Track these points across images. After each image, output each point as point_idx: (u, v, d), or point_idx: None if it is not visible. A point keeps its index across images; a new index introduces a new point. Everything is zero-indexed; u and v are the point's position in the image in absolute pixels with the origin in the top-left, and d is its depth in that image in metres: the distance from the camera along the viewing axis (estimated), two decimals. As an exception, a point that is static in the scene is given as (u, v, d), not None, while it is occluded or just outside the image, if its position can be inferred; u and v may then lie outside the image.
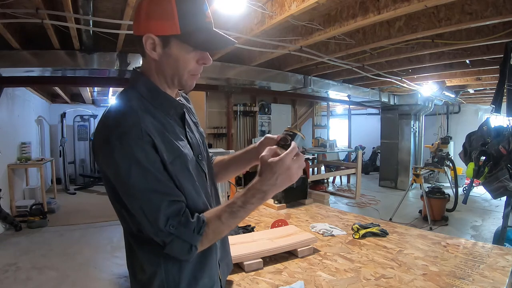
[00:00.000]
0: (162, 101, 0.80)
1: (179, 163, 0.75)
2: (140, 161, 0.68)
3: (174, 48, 0.74)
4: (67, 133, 7.58)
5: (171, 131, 0.78)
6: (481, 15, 2.46)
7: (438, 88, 5.81)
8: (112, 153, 0.68)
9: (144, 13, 0.74)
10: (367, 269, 1.26)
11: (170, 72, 0.78)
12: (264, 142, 0.93)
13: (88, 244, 3.88)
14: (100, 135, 0.72)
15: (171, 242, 0.71)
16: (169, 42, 0.74)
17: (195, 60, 0.78)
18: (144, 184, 0.69)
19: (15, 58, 3.18)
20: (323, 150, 6.64)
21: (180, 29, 0.72)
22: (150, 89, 0.79)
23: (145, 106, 0.76)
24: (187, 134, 0.85)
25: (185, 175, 0.76)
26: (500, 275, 1.17)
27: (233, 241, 1.42)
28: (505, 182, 2.65)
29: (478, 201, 6.05)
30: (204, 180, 0.86)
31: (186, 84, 0.80)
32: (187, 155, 0.78)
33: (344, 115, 10.63)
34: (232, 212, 0.74)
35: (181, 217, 0.71)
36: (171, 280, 0.76)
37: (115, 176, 0.70)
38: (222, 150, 3.64)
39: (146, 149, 0.69)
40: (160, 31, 0.73)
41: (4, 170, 4.64)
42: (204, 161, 0.90)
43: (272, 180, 0.73)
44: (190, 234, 0.71)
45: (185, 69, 0.78)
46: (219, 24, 2.86)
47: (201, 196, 0.80)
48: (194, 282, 0.79)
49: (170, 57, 0.75)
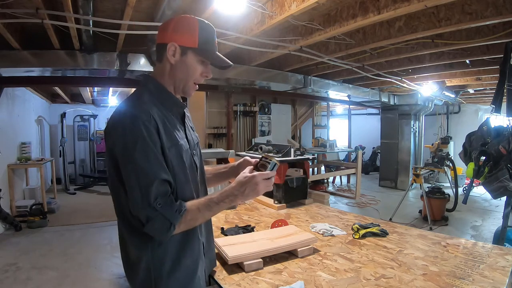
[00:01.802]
0: (167, 99, 0.97)
1: (174, 150, 0.91)
2: (146, 139, 0.83)
3: (189, 57, 0.95)
4: (67, 133, 7.58)
5: (171, 123, 0.94)
6: (481, 15, 2.46)
7: (438, 88, 5.81)
8: (124, 130, 0.84)
9: (172, 27, 0.94)
10: (367, 269, 1.26)
11: (180, 76, 0.96)
12: (242, 163, 1.16)
13: (88, 244, 3.88)
14: (115, 118, 0.87)
15: (155, 218, 0.82)
16: (187, 52, 0.94)
17: (200, 72, 0.98)
18: (145, 158, 0.83)
19: (15, 58, 3.18)
20: (323, 150, 6.64)
21: (198, 45, 0.94)
22: (158, 88, 0.96)
23: (153, 100, 0.93)
24: (186, 129, 1.02)
25: (178, 162, 0.92)
26: (500, 275, 1.17)
27: (233, 241, 1.42)
28: (505, 182, 2.65)
29: (478, 201, 6.04)
30: (195, 173, 1.01)
31: (188, 90, 0.99)
32: (182, 145, 0.94)
33: (344, 115, 10.63)
34: (208, 206, 0.91)
35: (168, 198, 0.85)
36: (156, 261, 0.89)
37: (123, 150, 0.84)
38: (222, 150, 3.64)
39: (152, 131, 0.85)
40: (182, 42, 0.93)
41: (4, 170, 4.64)
42: (197, 157, 1.05)
43: (241, 189, 0.93)
44: (173, 214, 0.84)
45: (192, 77, 0.97)
46: (219, 24, 2.86)
47: (189, 184, 0.95)
48: (178, 263, 0.92)
49: (184, 64, 0.95)
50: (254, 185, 0.93)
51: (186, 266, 0.93)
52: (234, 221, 1.93)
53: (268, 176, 0.95)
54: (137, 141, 0.82)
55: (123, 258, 0.97)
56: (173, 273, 0.91)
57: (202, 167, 1.09)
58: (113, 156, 0.86)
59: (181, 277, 0.92)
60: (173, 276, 0.91)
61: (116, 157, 0.85)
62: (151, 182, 0.82)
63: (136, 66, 3.65)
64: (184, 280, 0.93)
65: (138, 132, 0.83)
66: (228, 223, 1.88)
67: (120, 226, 0.95)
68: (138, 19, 2.74)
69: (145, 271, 0.90)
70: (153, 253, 0.89)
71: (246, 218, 2.01)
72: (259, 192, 0.94)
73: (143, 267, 0.90)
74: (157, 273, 0.89)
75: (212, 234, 1.16)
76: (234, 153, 3.53)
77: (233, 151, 3.55)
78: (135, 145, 0.82)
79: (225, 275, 1.23)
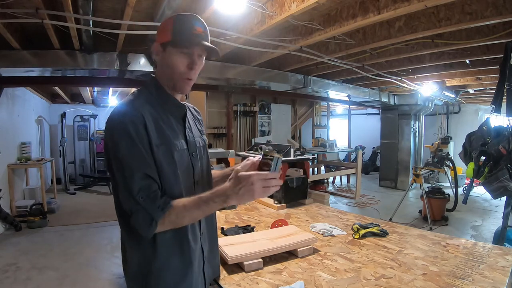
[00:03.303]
0: (166, 100, 0.98)
1: (164, 149, 0.91)
2: (131, 134, 0.85)
3: (168, 52, 0.94)
4: (67, 133, 7.58)
5: (166, 122, 0.95)
6: (481, 15, 2.46)
7: (438, 88, 5.81)
8: (112, 128, 0.87)
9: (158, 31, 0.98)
10: (367, 269, 1.26)
11: (167, 73, 0.96)
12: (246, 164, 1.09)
13: (88, 244, 3.88)
14: (109, 117, 0.90)
15: (137, 211, 0.83)
16: (166, 47, 0.94)
17: (185, 64, 0.95)
18: (128, 151, 0.85)
19: (15, 58, 3.18)
20: (323, 150, 6.64)
21: (172, 37, 0.92)
22: (158, 88, 0.98)
23: (150, 99, 0.95)
24: (186, 131, 1.01)
25: (168, 161, 0.91)
26: (500, 275, 1.17)
27: (233, 241, 1.42)
28: (505, 182, 2.65)
29: (478, 201, 6.04)
30: (190, 175, 0.99)
31: (181, 86, 0.97)
32: (175, 145, 0.94)
33: (344, 115, 10.63)
34: (196, 204, 0.86)
35: (151, 192, 0.85)
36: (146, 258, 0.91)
37: (111, 147, 0.87)
38: (222, 150, 3.64)
39: (138, 127, 0.86)
40: (160, 40, 0.95)
41: (4, 170, 4.64)
42: (198, 160, 1.03)
43: (235, 189, 0.85)
44: (155, 209, 0.83)
45: (177, 70, 0.94)
46: (219, 24, 2.86)
47: (178, 184, 0.93)
48: (167, 263, 0.92)
49: (165, 59, 0.95)
50: (249, 185, 0.84)
51: (176, 267, 0.93)
52: (234, 221, 1.93)
53: (266, 176, 0.85)
54: (122, 137, 0.85)
55: (122, 253, 0.99)
56: (162, 272, 0.91)
57: (205, 170, 1.07)
58: (107, 153, 0.89)
59: (170, 278, 0.92)
60: (162, 275, 0.91)
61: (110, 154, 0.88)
62: (132, 175, 0.84)
63: (136, 66, 3.65)
64: (172, 281, 0.93)
65: (124, 128, 0.85)
66: (228, 223, 1.88)
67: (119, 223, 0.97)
68: (138, 19, 2.74)
69: (136, 267, 0.93)
70: (144, 249, 0.91)
71: (246, 218, 2.01)
72: (254, 194, 0.84)
73: (135, 262, 0.93)
74: (146, 270, 0.91)
75: (216, 243, 1.15)
76: (234, 153, 3.53)
77: (233, 151, 3.55)
78: (120, 141, 0.85)
79: (225, 275, 1.23)
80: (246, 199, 0.86)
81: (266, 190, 0.86)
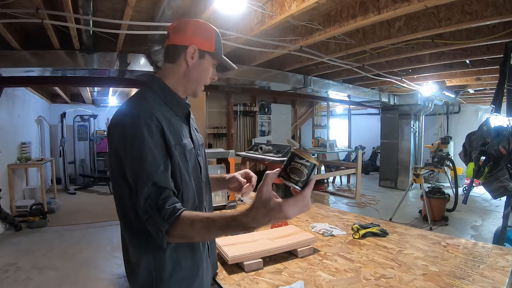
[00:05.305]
0: (172, 99, 0.97)
1: (179, 148, 0.91)
2: (145, 137, 0.82)
3: (206, 60, 0.99)
4: (67, 133, 7.58)
5: (176, 122, 0.95)
6: (481, 15, 2.46)
7: (438, 88, 5.81)
8: (124, 129, 0.84)
9: (191, 30, 0.97)
10: (367, 269, 1.26)
11: (195, 78, 0.99)
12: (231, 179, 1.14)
13: (88, 244, 3.88)
14: (117, 117, 0.87)
15: (147, 220, 0.80)
16: (204, 55, 0.98)
17: (210, 75, 1.02)
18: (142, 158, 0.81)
19: (15, 58, 3.18)
20: (323, 150, 6.65)
21: (215, 49, 0.99)
22: (163, 88, 0.97)
23: (157, 100, 0.93)
24: (190, 130, 1.03)
25: (183, 160, 0.91)
26: (500, 275, 1.17)
27: (233, 241, 1.42)
28: (505, 182, 2.65)
29: (478, 201, 6.04)
30: (198, 173, 1.00)
31: (197, 91, 1.02)
32: (186, 144, 0.94)
33: (344, 115, 10.63)
34: (207, 227, 0.78)
35: (160, 200, 0.80)
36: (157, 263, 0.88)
37: (124, 148, 0.83)
38: (222, 150, 3.63)
39: (153, 130, 0.84)
40: (201, 46, 0.97)
41: (4, 170, 4.64)
42: (202, 158, 1.04)
43: (264, 221, 0.72)
44: (160, 219, 0.79)
45: (205, 78, 1.01)
46: (219, 24, 2.86)
47: (191, 183, 0.93)
48: (178, 264, 0.90)
49: (200, 66, 0.98)
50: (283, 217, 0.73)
51: (187, 267, 0.92)
52: (234, 221, 1.92)
53: (303, 201, 0.72)
54: (135, 139, 0.82)
55: (124, 259, 0.96)
56: (174, 275, 0.89)
57: (206, 167, 1.09)
58: (115, 154, 0.86)
59: (182, 278, 0.91)
60: (174, 278, 0.89)
61: (119, 156, 0.85)
62: (143, 182, 0.80)
63: (136, 66, 3.66)
64: (185, 281, 0.92)
65: (138, 131, 0.82)
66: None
67: (122, 227, 0.93)
68: (138, 19, 2.74)
69: (146, 273, 0.88)
70: (153, 254, 0.88)
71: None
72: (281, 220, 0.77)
73: (144, 268, 0.88)
74: (158, 275, 0.88)
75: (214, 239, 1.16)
76: (234, 153, 3.52)
77: (233, 151, 3.54)
78: (133, 145, 0.82)
79: (225, 275, 1.23)
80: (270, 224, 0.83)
81: (303, 209, 0.75)
